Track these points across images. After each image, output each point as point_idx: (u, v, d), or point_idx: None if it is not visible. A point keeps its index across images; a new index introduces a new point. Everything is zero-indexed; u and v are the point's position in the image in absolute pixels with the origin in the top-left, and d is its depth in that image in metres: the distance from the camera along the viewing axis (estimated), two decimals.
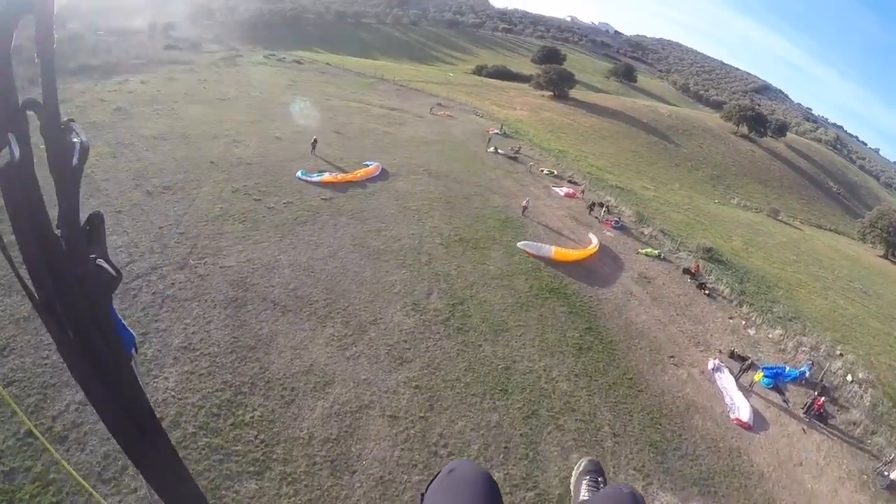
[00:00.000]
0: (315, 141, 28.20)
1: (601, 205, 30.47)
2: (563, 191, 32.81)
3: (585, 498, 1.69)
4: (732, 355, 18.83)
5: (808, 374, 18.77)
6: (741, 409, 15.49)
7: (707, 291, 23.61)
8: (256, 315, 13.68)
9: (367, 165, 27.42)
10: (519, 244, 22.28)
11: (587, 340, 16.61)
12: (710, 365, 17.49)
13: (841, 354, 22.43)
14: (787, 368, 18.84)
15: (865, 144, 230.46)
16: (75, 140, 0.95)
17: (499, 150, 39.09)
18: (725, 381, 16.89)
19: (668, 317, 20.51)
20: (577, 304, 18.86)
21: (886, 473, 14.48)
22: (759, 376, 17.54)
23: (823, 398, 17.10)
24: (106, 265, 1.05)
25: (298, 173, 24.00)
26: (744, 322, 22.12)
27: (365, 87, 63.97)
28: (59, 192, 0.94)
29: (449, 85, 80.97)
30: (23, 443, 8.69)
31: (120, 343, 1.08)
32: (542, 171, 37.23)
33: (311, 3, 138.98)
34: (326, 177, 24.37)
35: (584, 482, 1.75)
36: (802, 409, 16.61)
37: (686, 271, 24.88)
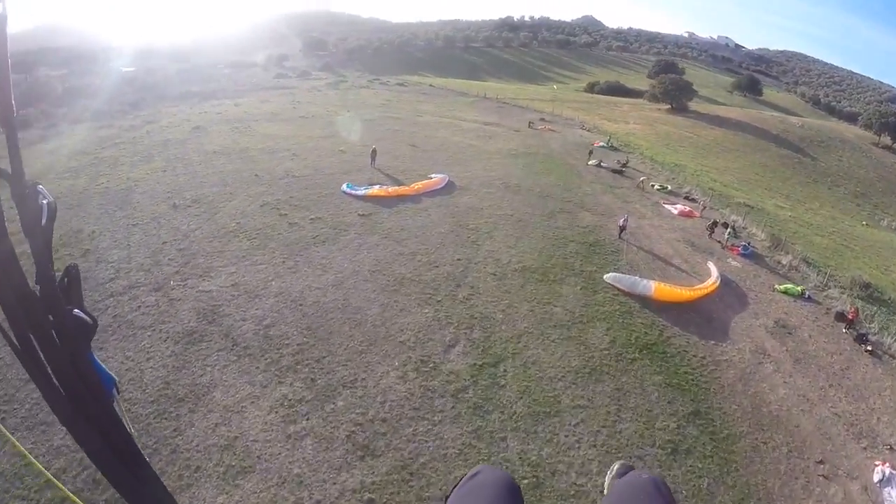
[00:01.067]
0: (374, 151, 25.50)
1: (725, 225, 22.95)
2: (676, 209, 25.76)
3: None
4: None
5: None
6: None
7: (869, 347, 15.39)
8: (206, 356, 10.40)
9: (431, 178, 23.86)
10: (606, 277, 16.41)
11: (689, 436, 10.32)
12: (877, 475, 10.52)
13: None
14: None
15: None
16: (43, 202, 1.03)
17: (602, 164, 33.45)
18: None
19: (816, 390, 12.94)
20: (680, 371, 12.48)
21: None
22: None
23: None
24: (82, 314, 1.15)
25: (344, 186, 21.25)
26: None
27: (464, 105, 61.94)
28: (33, 251, 1.03)
29: (556, 101, 75.72)
30: None
31: (101, 385, 1.16)
32: (653, 186, 30.33)
33: (421, 30, 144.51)
34: (374, 190, 21.22)
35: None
36: None
37: (840, 317, 16.72)
